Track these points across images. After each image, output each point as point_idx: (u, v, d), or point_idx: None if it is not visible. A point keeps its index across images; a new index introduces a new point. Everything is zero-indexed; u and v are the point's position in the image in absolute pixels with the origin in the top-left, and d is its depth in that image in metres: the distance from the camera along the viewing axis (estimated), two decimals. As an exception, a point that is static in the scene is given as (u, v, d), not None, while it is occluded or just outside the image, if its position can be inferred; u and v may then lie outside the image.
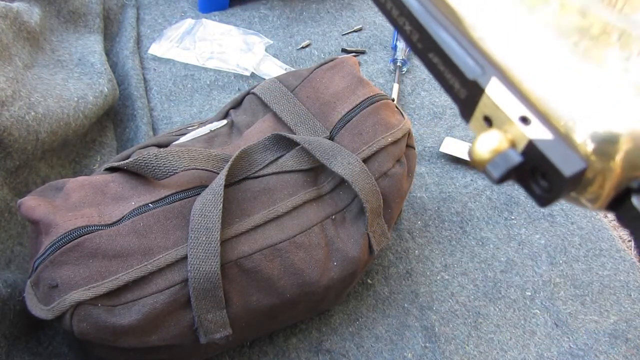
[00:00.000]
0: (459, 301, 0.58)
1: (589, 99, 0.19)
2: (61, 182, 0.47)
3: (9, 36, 0.62)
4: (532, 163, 0.18)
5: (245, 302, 0.45)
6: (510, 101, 0.18)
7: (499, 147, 0.18)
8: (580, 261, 0.62)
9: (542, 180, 0.18)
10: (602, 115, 0.19)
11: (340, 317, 0.57)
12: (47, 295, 0.41)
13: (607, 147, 0.18)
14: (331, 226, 0.49)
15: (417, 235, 0.64)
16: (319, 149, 0.49)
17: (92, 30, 0.77)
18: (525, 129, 0.18)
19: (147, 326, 0.42)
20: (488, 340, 0.56)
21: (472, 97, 0.20)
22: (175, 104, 0.75)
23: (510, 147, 0.18)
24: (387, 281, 0.60)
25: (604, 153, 0.18)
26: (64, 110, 0.61)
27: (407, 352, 0.55)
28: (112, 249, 0.42)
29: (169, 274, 0.42)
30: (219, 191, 0.44)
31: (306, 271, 0.46)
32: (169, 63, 0.79)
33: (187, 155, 0.46)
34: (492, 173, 0.18)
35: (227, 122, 0.56)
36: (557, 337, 0.56)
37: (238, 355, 0.53)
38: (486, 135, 0.18)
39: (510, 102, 0.18)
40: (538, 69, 0.20)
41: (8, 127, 0.53)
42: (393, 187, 0.51)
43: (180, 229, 0.44)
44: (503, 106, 0.18)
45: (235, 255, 0.44)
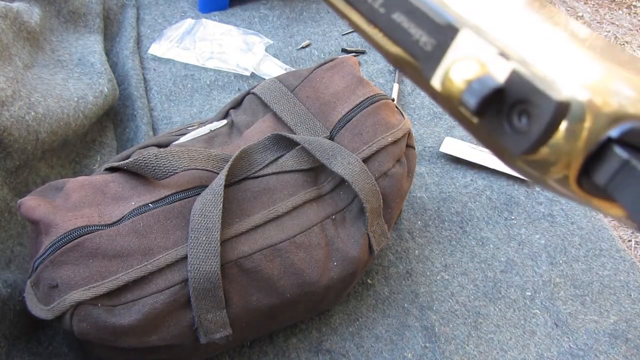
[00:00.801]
0: (459, 301, 0.58)
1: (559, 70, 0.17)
2: (61, 182, 0.47)
3: (9, 36, 0.62)
4: (514, 95, 0.16)
5: (245, 302, 0.45)
6: (486, 41, 0.17)
7: (477, 74, 0.16)
8: (580, 261, 0.62)
9: (523, 117, 0.16)
10: (566, 85, 0.17)
11: (340, 317, 0.57)
12: (47, 295, 0.41)
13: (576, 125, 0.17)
14: (331, 226, 0.49)
15: (417, 235, 0.64)
16: (319, 148, 0.49)
17: (92, 30, 0.77)
18: (506, 62, 0.16)
19: (147, 326, 0.42)
20: (488, 340, 0.56)
21: (442, 45, 0.17)
22: (175, 104, 0.75)
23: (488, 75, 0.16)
24: (387, 281, 0.60)
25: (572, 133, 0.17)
26: (64, 110, 0.61)
27: (407, 352, 0.55)
28: (112, 249, 0.42)
29: (169, 274, 0.42)
30: (219, 191, 0.44)
31: (306, 271, 0.46)
32: (169, 63, 0.79)
33: (187, 155, 0.46)
34: (468, 101, 0.16)
35: (227, 122, 0.56)
36: (557, 337, 0.56)
37: (238, 355, 0.53)
38: (461, 63, 0.16)
39: (486, 41, 0.17)
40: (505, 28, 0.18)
41: (8, 127, 0.53)
42: (393, 187, 0.51)
43: (180, 229, 0.44)
44: (479, 44, 0.16)
45: (235, 255, 0.44)
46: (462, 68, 0.16)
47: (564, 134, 0.16)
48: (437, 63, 0.17)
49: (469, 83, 0.16)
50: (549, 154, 0.16)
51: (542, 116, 0.16)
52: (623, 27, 1.91)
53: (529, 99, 0.16)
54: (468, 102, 0.16)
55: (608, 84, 0.16)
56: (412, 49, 0.18)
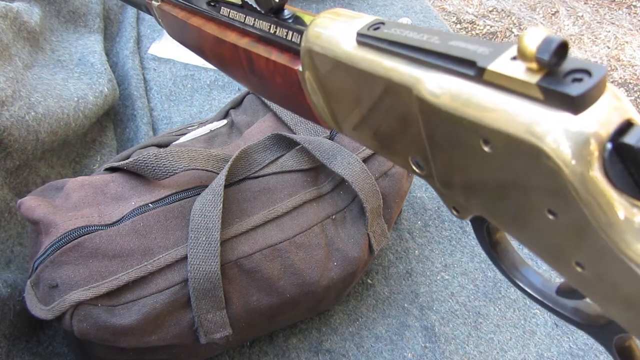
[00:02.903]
0: (459, 301, 0.58)
1: None
2: (61, 182, 0.47)
3: (9, 36, 0.62)
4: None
5: (245, 302, 0.45)
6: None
7: (545, 36, 0.19)
8: (580, 261, 0.62)
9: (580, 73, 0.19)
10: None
11: (340, 317, 0.57)
12: (47, 295, 0.41)
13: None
14: (331, 226, 0.49)
15: (417, 235, 0.64)
16: (319, 148, 0.49)
17: (92, 30, 0.77)
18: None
19: (147, 326, 0.42)
20: (488, 340, 0.56)
21: (497, 52, 0.21)
22: (175, 104, 0.75)
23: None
24: (387, 281, 0.60)
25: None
26: (64, 110, 0.61)
27: (407, 352, 0.55)
28: (112, 249, 0.42)
29: (169, 274, 0.42)
30: (219, 191, 0.44)
31: (306, 271, 0.46)
32: (169, 63, 0.79)
33: (187, 155, 0.46)
34: (543, 58, 0.19)
35: (227, 122, 0.56)
36: (557, 337, 0.56)
37: (238, 355, 0.53)
38: (532, 30, 0.19)
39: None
40: None
41: (8, 127, 0.53)
42: (393, 187, 0.51)
43: (180, 229, 0.44)
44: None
45: (235, 255, 0.44)
46: (531, 38, 0.19)
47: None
48: (493, 58, 0.21)
49: (543, 40, 0.19)
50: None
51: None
52: (623, 27, 1.91)
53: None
54: (543, 59, 0.19)
55: None
56: (470, 55, 0.21)
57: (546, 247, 0.22)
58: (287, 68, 0.31)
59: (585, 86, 0.18)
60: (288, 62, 0.31)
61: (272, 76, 0.33)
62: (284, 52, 0.32)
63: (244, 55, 0.35)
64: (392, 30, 0.25)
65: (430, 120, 0.24)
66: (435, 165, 0.26)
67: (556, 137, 0.19)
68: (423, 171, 0.27)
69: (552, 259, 0.23)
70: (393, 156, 0.29)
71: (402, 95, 0.24)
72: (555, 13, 1.95)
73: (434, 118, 0.23)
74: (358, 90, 0.27)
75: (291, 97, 0.33)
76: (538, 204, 0.21)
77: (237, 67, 0.37)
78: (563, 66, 0.19)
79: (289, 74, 0.31)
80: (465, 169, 0.24)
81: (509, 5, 1.98)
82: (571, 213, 0.20)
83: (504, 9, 1.96)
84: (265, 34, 0.33)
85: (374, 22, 0.26)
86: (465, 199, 0.25)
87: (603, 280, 0.21)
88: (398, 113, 0.26)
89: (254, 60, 0.34)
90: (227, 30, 0.36)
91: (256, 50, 0.33)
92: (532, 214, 0.21)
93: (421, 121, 0.24)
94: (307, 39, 0.29)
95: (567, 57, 0.19)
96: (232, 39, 0.35)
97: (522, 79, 0.20)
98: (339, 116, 0.30)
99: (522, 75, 0.20)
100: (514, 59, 0.20)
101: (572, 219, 0.20)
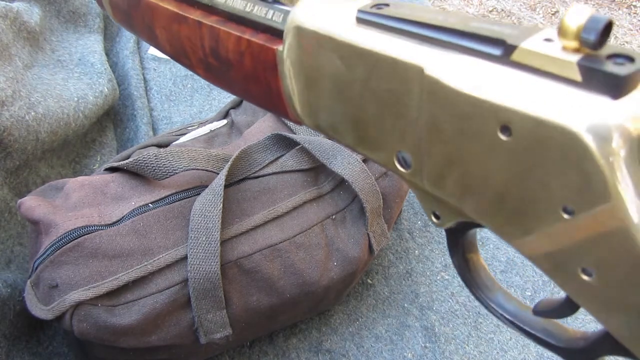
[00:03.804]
0: (459, 301, 0.58)
1: None
2: (61, 182, 0.47)
3: (9, 36, 0.62)
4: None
5: (245, 302, 0.45)
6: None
7: (589, 15, 0.18)
8: (580, 261, 0.62)
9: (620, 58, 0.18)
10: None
11: (340, 317, 0.57)
12: (47, 295, 0.41)
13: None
14: (331, 226, 0.49)
15: (417, 235, 0.64)
16: (319, 148, 0.49)
17: (92, 30, 0.77)
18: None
19: (147, 326, 0.42)
20: (488, 340, 0.56)
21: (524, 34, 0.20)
22: (175, 104, 0.75)
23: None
24: (387, 281, 0.60)
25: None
26: (64, 110, 0.61)
27: (407, 352, 0.55)
28: (112, 249, 0.42)
29: (169, 274, 0.42)
30: (219, 191, 0.44)
31: (306, 271, 0.46)
32: (169, 63, 0.79)
33: (187, 155, 0.46)
34: (588, 37, 0.18)
35: (227, 122, 0.56)
36: (557, 337, 0.56)
37: (238, 355, 0.53)
38: (576, 6, 0.18)
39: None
40: None
41: (8, 127, 0.53)
42: (393, 187, 0.51)
43: (180, 229, 0.44)
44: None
45: (235, 255, 0.44)
46: (575, 15, 0.18)
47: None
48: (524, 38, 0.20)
49: (588, 19, 0.18)
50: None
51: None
52: (623, 27, 1.91)
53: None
54: (588, 39, 0.18)
55: None
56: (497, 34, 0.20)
57: (549, 253, 0.21)
58: (263, 47, 0.29)
59: (630, 69, 0.17)
60: (265, 41, 0.29)
61: (241, 57, 0.31)
62: (260, 33, 0.30)
63: (208, 35, 0.32)
64: (400, 12, 0.23)
65: (439, 105, 0.22)
66: (429, 160, 0.24)
67: (593, 121, 0.17)
68: (409, 169, 0.25)
69: (553, 266, 0.21)
70: (375, 152, 0.26)
71: (407, 77, 0.22)
72: (555, 13, 1.95)
73: (445, 102, 0.21)
74: (349, 72, 0.25)
75: (258, 81, 0.31)
76: (554, 200, 0.19)
77: (194, 50, 0.34)
78: (604, 49, 0.18)
79: (263, 55, 0.29)
80: (469, 162, 0.22)
81: (509, 5, 1.98)
82: (596, 211, 0.18)
83: (504, 9, 1.96)
84: (239, 13, 0.30)
85: (376, 3, 0.25)
86: (457, 199, 0.23)
87: (612, 288, 0.19)
88: (395, 99, 0.24)
89: (221, 39, 0.31)
90: (191, 8, 0.34)
91: (225, 28, 0.31)
92: (544, 212, 0.20)
93: (425, 107, 0.22)
94: (296, 16, 0.27)
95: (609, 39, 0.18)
96: (197, 16, 0.33)
97: (561, 57, 0.18)
98: (314, 104, 0.28)
99: (560, 54, 0.18)
100: (548, 40, 0.19)
101: (595, 219, 0.18)
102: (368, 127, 0.26)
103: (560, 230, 0.20)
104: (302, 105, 0.29)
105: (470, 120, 0.21)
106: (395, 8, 0.24)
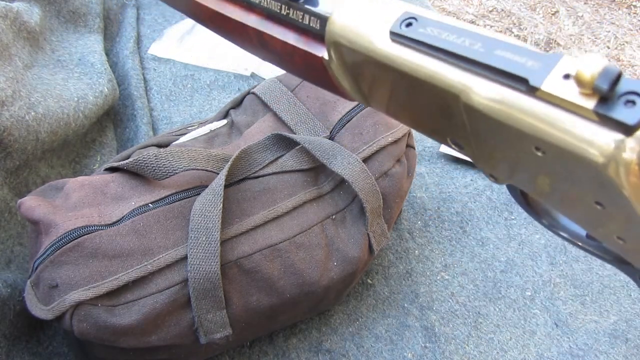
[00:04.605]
0: (459, 301, 0.58)
1: None
2: (61, 182, 0.47)
3: (9, 36, 0.62)
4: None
5: (245, 302, 0.45)
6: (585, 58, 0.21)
7: (603, 67, 0.20)
8: (580, 261, 0.62)
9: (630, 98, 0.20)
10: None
11: (340, 317, 0.57)
12: (47, 295, 0.41)
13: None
14: (331, 226, 0.49)
15: (417, 235, 0.64)
16: (319, 148, 0.49)
17: (92, 30, 0.77)
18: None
19: (147, 326, 0.42)
20: (488, 340, 0.56)
21: (548, 65, 0.22)
22: (175, 104, 0.75)
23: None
24: (387, 281, 0.60)
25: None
26: (64, 110, 0.61)
27: (407, 352, 0.55)
28: (112, 249, 0.42)
29: (169, 274, 0.42)
30: (219, 191, 0.44)
31: (306, 271, 0.46)
32: (169, 63, 0.79)
33: (187, 155, 0.46)
34: (602, 87, 0.20)
35: (227, 122, 0.56)
36: (557, 337, 0.56)
37: (238, 355, 0.53)
38: (589, 57, 0.20)
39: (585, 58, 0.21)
40: None
41: (8, 127, 0.53)
42: (393, 187, 0.51)
43: (180, 229, 0.44)
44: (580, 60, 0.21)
45: (235, 255, 0.44)
46: (589, 66, 0.20)
47: None
48: (546, 74, 0.22)
49: (602, 70, 0.20)
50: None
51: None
52: (623, 27, 1.91)
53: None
54: (601, 88, 0.20)
55: None
56: (520, 70, 0.22)
57: (590, 223, 0.25)
58: (309, 55, 0.29)
59: (638, 112, 0.20)
60: (309, 47, 0.29)
61: (291, 57, 0.31)
62: (302, 35, 0.29)
63: (254, 35, 0.32)
64: (429, 31, 0.25)
65: (477, 122, 0.24)
66: (477, 151, 0.26)
67: (610, 153, 0.20)
68: (462, 150, 0.27)
69: (594, 231, 0.25)
70: (430, 134, 0.29)
71: (446, 99, 0.24)
72: (555, 13, 1.95)
73: (482, 122, 0.24)
74: (394, 85, 0.26)
75: (314, 76, 0.31)
76: (587, 197, 0.23)
77: (245, 41, 0.34)
78: (619, 86, 0.20)
79: (310, 60, 0.30)
80: (512, 162, 0.25)
81: (509, 5, 1.98)
82: (620, 207, 0.22)
83: (504, 9, 1.96)
84: (275, 14, 0.30)
85: (405, 17, 0.25)
86: (507, 177, 0.26)
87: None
88: (441, 108, 0.25)
89: (266, 41, 0.31)
90: (229, 4, 0.33)
91: (269, 31, 0.31)
92: (580, 202, 0.23)
93: (467, 120, 0.24)
94: (332, 32, 0.27)
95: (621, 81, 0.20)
96: (237, 17, 0.32)
97: (579, 103, 0.21)
98: (370, 98, 0.30)
99: (577, 100, 0.21)
100: (567, 77, 0.21)
101: (620, 211, 0.22)
102: (421, 120, 0.28)
103: (597, 214, 0.23)
104: (360, 97, 0.30)
105: (507, 138, 0.23)
106: (423, 27, 0.25)
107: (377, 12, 0.26)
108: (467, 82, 0.23)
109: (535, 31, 1.84)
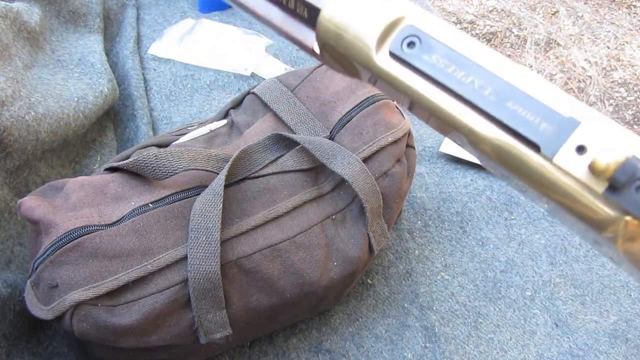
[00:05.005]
0: (459, 301, 0.58)
1: None
2: (61, 182, 0.47)
3: (9, 36, 0.62)
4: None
5: (245, 302, 0.45)
6: (610, 133, 0.21)
7: (625, 158, 0.20)
8: (580, 261, 0.62)
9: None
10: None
11: (340, 317, 0.57)
12: (47, 295, 0.41)
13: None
14: (331, 226, 0.49)
15: (417, 235, 0.64)
16: (319, 148, 0.49)
17: (92, 30, 0.77)
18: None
19: (147, 326, 0.42)
20: (488, 340, 0.56)
21: (563, 132, 0.21)
22: (175, 104, 0.75)
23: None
24: (387, 281, 0.60)
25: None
26: (64, 110, 0.61)
27: (407, 352, 0.55)
28: (112, 249, 0.42)
29: (169, 274, 0.42)
30: (219, 191, 0.44)
31: (306, 271, 0.46)
32: (169, 63, 0.79)
33: (187, 155, 0.46)
34: (620, 178, 0.20)
35: (227, 122, 0.56)
36: (557, 337, 0.56)
37: (238, 355, 0.53)
38: (607, 150, 0.20)
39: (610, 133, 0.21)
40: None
41: (8, 127, 0.53)
42: (393, 187, 0.51)
43: (180, 229, 0.44)
44: (604, 135, 0.21)
45: (235, 255, 0.44)
46: (609, 154, 0.20)
47: None
48: (559, 145, 0.21)
49: (620, 165, 0.19)
50: None
51: None
52: (623, 27, 1.91)
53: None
54: (619, 178, 0.19)
55: None
56: (532, 134, 0.21)
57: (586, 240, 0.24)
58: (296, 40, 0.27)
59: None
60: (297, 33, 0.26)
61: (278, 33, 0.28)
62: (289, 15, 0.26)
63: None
64: (434, 59, 0.23)
65: (483, 157, 0.23)
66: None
67: (614, 228, 0.21)
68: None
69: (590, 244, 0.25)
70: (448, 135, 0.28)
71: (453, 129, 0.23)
72: (555, 13, 1.95)
73: (489, 161, 0.23)
74: (395, 94, 0.25)
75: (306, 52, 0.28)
76: (584, 234, 0.23)
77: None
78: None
79: (299, 44, 0.27)
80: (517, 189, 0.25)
81: (509, 5, 1.98)
82: (614, 250, 0.22)
83: (504, 9, 1.96)
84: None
85: (406, 34, 0.23)
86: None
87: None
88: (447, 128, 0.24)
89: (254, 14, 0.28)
90: None
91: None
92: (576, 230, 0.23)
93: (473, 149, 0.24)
94: (324, 33, 0.24)
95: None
96: None
97: (589, 184, 0.21)
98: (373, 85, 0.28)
99: (588, 180, 0.21)
100: (580, 149, 0.21)
101: (615, 252, 0.22)
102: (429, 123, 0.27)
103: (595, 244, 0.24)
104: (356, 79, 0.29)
105: (517, 184, 0.23)
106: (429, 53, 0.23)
107: (376, 12, 0.24)
108: (472, 125, 0.22)
109: (535, 31, 1.84)
